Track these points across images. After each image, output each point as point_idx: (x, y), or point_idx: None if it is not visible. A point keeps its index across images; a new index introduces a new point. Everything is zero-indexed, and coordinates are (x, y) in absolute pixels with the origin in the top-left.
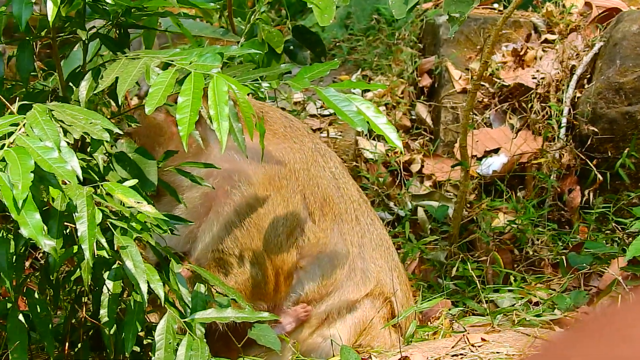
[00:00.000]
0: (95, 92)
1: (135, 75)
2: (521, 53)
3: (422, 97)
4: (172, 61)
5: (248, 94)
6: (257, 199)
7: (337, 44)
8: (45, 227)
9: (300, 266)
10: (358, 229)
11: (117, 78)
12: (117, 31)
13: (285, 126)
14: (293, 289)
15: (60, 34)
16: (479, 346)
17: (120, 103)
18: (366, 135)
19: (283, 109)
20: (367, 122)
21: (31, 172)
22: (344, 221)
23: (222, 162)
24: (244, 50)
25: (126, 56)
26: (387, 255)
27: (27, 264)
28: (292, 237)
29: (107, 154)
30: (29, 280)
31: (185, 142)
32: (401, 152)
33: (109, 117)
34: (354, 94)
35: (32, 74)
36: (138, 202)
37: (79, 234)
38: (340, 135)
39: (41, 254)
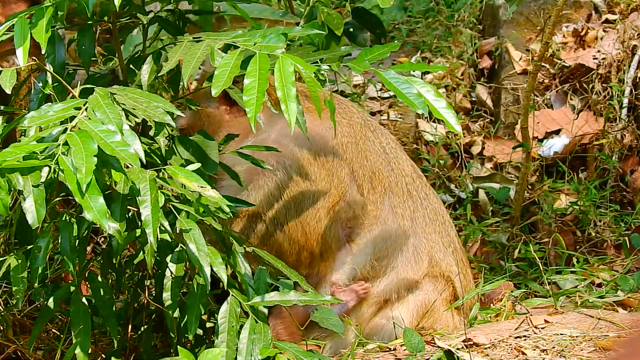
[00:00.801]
0: (158, 75)
1: (200, 57)
2: (582, 33)
3: (482, 78)
4: (235, 43)
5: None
6: (300, 174)
7: (396, 26)
8: (108, 211)
9: (351, 239)
10: (410, 202)
11: (180, 61)
12: (175, 15)
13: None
14: (345, 263)
15: (120, 19)
16: (542, 328)
17: (186, 85)
18: (426, 117)
19: (342, 91)
20: (427, 105)
21: (94, 155)
22: (394, 194)
23: (270, 139)
24: (307, 31)
25: (188, 39)
26: (442, 230)
27: (89, 248)
28: (334, 212)
29: (168, 137)
30: (91, 264)
31: (253, 124)
32: (460, 136)
33: (170, 100)
34: (414, 76)
35: (92, 59)
36: (201, 186)
37: (142, 217)
38: (400, 118)
39: (103, 238)
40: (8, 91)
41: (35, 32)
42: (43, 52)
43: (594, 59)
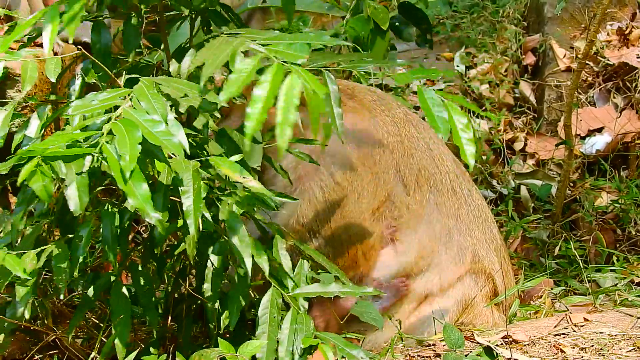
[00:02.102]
0: (191, 66)
1: (222, 59)
2: (626, 32)
3: (526, 75)
4: (269, 45)
5: (350, 72)
6: (346, 178)
7: (441, 21)
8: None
9: (395, 238)
10: (454, 199)
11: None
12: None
13: (374, 100)
14: (388, 262)
15: (168, 11)
16: (582, 326)
17: (203, 85)
18: (469, 112)
19: (386, 85)
20: (450, 131)
21: (138, 144)
22: (439, 192)
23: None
24: (334, 41)
25: (225, 34)
26: (485, 227)
27: (130, 238)
28: (379, 212)
29: (210, 130)
30: (132, 254)
31: (248, 140)
32: (470, 171)
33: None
34: (456, 98)
35: (137, 50)
36: (244, 177)
37: (184, 208)
38: None
39: (145, 228)
40: (53, 80)
41: (66, 22)
42: (70, 41)
43: (637, 57)
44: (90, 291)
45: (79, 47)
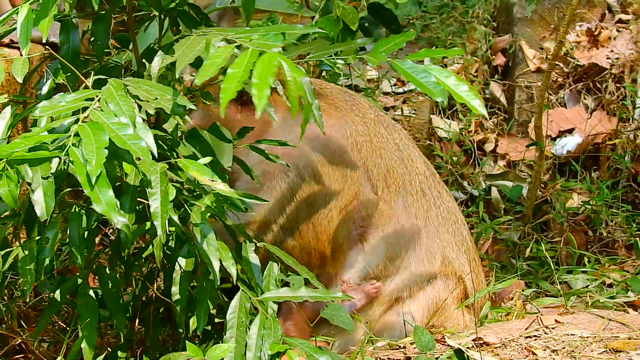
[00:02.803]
0: (161, 66)
1: (198, 51)
2: (595, 33)
3: (496, 75)
4: (237, 39)
5: (320, 72)
6: (314, 176)
7: (411, 21)
8: (118, 203)
9: (364, 239)
10: (424, 201)
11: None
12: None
13: (345, 100)
14: (357, 262)
15: (136, 11)
16: (553, 328)
17: (177, 77)
18: (440, 113)
19: (356, 86)
20: (447, 92)
21: (105, 148)
22: (408, 193)
23: (284, 139)
24: (309, 29)
25: (197, 33)
26: (455, 229)
27: (97, 240)
28: (347, 211)
29: (180, 131)
30: (99, 256)
31: (223, 108)
32: (486, 119)
33: (183, 93)
34: (431, 65)
35: (105, 50)
36: (212, 180)
37: (151, 210)
38: (414, 114)
39: (112, 230)
40: (20, 80)
41: (38, 21)
42: (43, 40)
43: (607, 58)
44: (57, 294)
45: (47, 47)
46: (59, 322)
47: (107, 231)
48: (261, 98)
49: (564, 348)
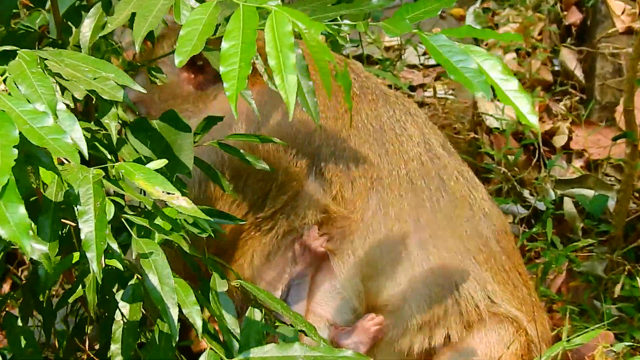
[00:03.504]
0: (102, 34)
1: (160, 10)
2: None
3: (568, 39)
4: None
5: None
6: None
7: None
8: (34, 226)
9: (328, 249)
10: (411, 196)
11: (133, 15)
12: None
13: None
14: (330, 291)
15: None
16: None
17: (138, 49)
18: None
19: (369, 56)
20: (491, 87)
21: (14, 146)
22: (385, 187)
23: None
24: None
25: None
26: (472, 227)
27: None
28: (284, 211)
29: (121, 122)
30: (8, 302)
31: (234, 106)
32: (537, 130)
33: (123, 69)
34: (473, 43)
35: (14, 10)
36: (168, 193)
37: (82, 235)
38: (451, 95)
39: (25, 265)
40: None
41: None
42: None
43: None
44: None
45: None
46: None
47: (17, 269)
48: (289, 87)
49: None
